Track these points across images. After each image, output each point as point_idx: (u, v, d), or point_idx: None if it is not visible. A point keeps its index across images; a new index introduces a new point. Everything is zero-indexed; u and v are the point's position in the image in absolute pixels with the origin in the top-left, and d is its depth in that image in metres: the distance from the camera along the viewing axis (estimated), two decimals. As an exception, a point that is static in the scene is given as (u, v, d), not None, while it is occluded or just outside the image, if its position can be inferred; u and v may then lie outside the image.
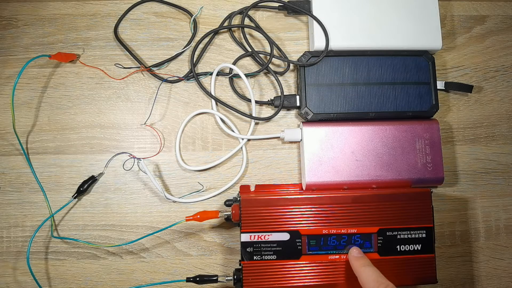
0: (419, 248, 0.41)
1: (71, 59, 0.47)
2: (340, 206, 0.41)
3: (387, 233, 0.41)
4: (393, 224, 0.41)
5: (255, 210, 0.40)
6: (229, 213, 0.41)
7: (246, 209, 0.40)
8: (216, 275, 0.41)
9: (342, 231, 0.40)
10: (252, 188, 0.45)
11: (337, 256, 0.40)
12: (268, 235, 0.40)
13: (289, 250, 0.40)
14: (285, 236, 0.40)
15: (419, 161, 0.44)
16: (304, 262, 0.40)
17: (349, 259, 0.40)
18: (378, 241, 0.41)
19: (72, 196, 0.44)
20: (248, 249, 0.40)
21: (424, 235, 0.41)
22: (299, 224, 0.40)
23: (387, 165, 0.44)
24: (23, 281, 0.44)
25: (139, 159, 0.45)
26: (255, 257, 0.40)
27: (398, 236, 0.41)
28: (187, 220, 0.42)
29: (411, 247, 0.41)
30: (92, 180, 0.45)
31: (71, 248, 0.44)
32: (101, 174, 0.45)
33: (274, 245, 0.40)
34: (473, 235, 0.47)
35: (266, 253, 0.40)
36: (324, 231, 0.40)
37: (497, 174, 0.48)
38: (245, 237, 0.40)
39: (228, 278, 0.41)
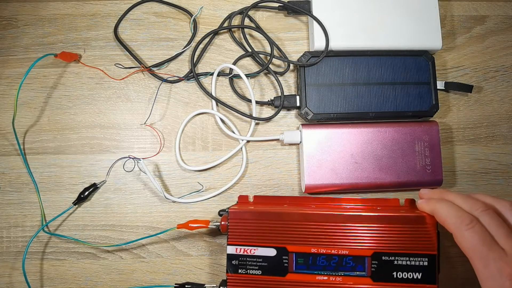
0: (419, 277, 0.37)
1: (74, 59, 0.46)
2: (332, 225, 0.38)
3: (383, 258, 0.37)
4: (391, 249, 0.37)
5: (242, 223, 0.39)
6: (219, 223, 0.41)
7: (233, 221, 0.39)
8: (203, 284, 0.41)
9: (333, 251, 0.38)
10: (251, 199, 0.44)
11: (325, 278, 0.37)
12: (254, 249, 0.38)
13: (275, 267, 0.38)
14: (272, 252, 0.38)
15: (418, 164, 0.44)
16: (289, 281, 0.38)
17: (420, 198, 0.38)
18: (372, 266, 0.37)
19: (73, 203, 0.44)
20: (233, 262, 0.38)
21: (426, 263, 0.37)
22: (286, 240, 0.38)
23: (386, 167, 0.44)
24: (22, 281, 0.44)
25: (138, 159, 0.45)
26: (240, 271, 0.38)
27: (395, 262, 0.37)
28: (178, 228, 0.42)
29: (409, 275, 0.37)
30: (94, 187, 0.45)
31: (71, 248, 0.44)
32: (103, 181, 0.45)
33: (260, 260, 0.38)
34: (473, 235, 0.47)
35: (251, 267, 0.38)
36: (313, 250, 0.38)
37: (497, 174, 0.48)
38: (231, 249, 0.38)
39: (214, 287, 0.40)
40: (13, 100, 0.46)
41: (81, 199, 0.44)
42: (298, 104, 0.46)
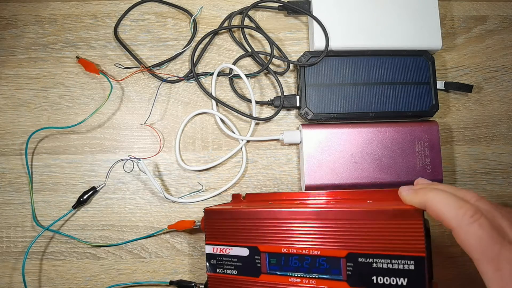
0: (404, 283, 0.31)
1: (93, 72, 0.46)
2: (300, 222, 0.35)
3: (359, 259, 0.32)
4: (367, 249, 0.32)
5: (217, 222, 0.38)
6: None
7: (209, 220, 0.38)
8: (194, 282, 0.42)
9: (303, 251, 0.34)
10: (244, 197, 0.44)
11: (298, 280, 0.35)
12: (229, 249, 0.38)
13: (249, 267, 0.37)
14: (245, 252, 0.37)
15: (418, 163, 0.44)
16: (263, 282, 0.36)
17: (401, 195, 0.32)
18: (348, 268, 0.33)
19: (72, 206, 0.44)
20: (212, 261, 0.38)
21: (412, 267, 0.31)
22: (257, 239, 0.36)
23: (386, 167, 0.44)
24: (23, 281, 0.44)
25: (138, 159, 0.45)
26: (217, 270, 0.38)
27: (374, 265, 0.32)
28: (169, 228, 0.43)
29: (392, 281, 0.31)
30: (93, 191, 0.44)
31: (71, 248, 0.44)
32: (102, 185, 0.45)
33: (235, 259, 0.37)
34: (473, 235, 0.47)
35: (227, 267, 0.38)
36: (284, 250, 0.35)
37: (497, 174, 0.48)
38: (209, 249, 0.38)
39: (202, 286, 0.41)
40: (13, 100, 0.46)
41: (80, 203, 0.44)
42: (298, 104, 0.46)
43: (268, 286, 0.36)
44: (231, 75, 0.47)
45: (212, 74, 0.47)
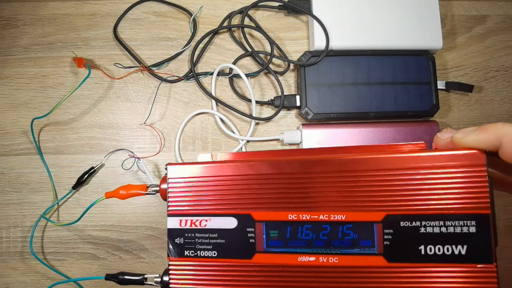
0: (462, 252, 0.23)
1: (82, 65, 0.46)
2: (317, 175, 0.25)
3: (401, 223, 0.24)
4: (413, 209, 0.24)
5: (187, 183, 0.27)
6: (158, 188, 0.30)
7: (174, 181, 0.27)
8: (143, 275, 0.30)
9: (322, 216, 0.25)
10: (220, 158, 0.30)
11: (312, 258, 0.25)
12: (206, 220, 0.26)
13: (237, 244, 0.26)
14: (231, 223, 0.26)
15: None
16: (258, 264, 0.25)
17: (438, 142, 0.25)
18: (385, 237, 0.24)
19: (72, 187, 0.44)
20: (177, 240, 0.27)
21: (473, 229, 0.23)
22: (251, 203, 0.26)
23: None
24: (22, 281, 0.44)
25: (138, 158, 0.45)
26: (186, 253, 0.27)
27: (421, 229, 0.23)
28: (107, 197, 0.34)
29: (446, 250, 0.23)
30: (92, 170, 0.45)
31: (70, 248, 0.44)
32: (101, 164, 0.45)
33: (215, 235, 0.26)
34: (474, 235, 0.47)
35: (202, 247, 0.27)
36: (291, 216, 0.25)
37: (498, 174, 0.48)
38: (172, 222, 0.27)
39: (157, 279, 0.29)
40: (12, 100, 0.46)
41: (80, 183, 0.44)
42: (298, 104, 0.46)
43: (265, 271, 0.25)
44: (231, 75, 0.47)
45: (212, 73, 0.47)
